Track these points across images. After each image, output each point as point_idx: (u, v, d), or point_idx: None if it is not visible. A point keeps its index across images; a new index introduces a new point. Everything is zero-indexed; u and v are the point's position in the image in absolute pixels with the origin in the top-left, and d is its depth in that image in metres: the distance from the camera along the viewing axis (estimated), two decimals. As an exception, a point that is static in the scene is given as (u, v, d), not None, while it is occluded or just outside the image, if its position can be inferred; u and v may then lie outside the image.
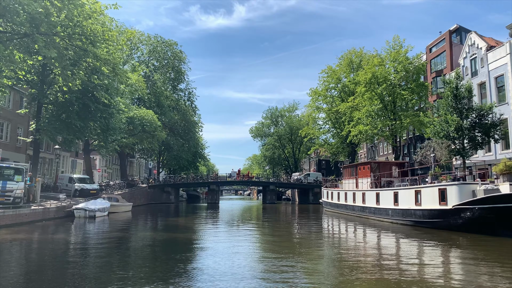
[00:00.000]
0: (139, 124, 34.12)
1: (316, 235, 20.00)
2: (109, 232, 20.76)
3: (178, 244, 16.41)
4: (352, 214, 30.70)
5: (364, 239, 18.68)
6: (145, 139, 34.85)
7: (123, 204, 33.13)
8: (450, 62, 45.20)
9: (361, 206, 28.85)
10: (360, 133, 39.51)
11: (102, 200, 29.42)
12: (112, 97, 23.70)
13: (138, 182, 51.20)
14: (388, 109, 39.43)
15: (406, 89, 38.49)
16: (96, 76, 20.22)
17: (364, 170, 30.33)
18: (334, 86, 54.49)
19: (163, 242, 17.06)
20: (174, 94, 51.43)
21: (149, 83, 44.97)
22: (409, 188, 22.11)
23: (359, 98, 41.11)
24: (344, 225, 25.69)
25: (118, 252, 14.41)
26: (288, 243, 17.16)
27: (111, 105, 24.14)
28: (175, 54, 48.93)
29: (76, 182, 33.27)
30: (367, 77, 39.07)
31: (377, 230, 21.51)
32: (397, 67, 38.52)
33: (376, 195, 26.05)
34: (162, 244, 16.43)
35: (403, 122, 36.84)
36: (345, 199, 32.44)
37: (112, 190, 39.79)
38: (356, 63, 53.11)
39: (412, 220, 21.60)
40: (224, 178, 63.03)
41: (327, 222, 28.41)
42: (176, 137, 49.21)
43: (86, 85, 20.83)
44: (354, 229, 23.36)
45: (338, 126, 53.68)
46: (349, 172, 34.03)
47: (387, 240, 18.27)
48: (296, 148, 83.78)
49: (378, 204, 25.79)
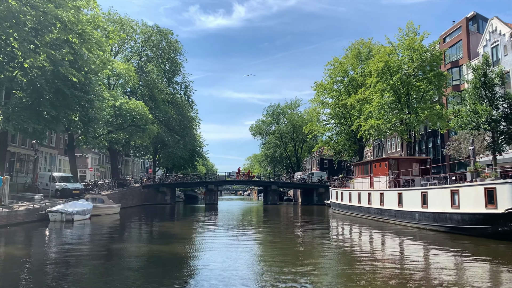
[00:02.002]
0: (128, 116, 30.56)
1: (328, 244, 16.55)
2: (82, 243, 17.25)
3: (165, 259, 12.92)
4: (367, 217, 27.23)
5: (389, 249, 15.22)
6: (135, 133, 31.34)
7: (110, 205, 29.63)
8: (468, 52, 41.78)
9: (378, 208, 25.38)
10: (372, 128, 36.03)
11: (84, 202, 25.94)
12: (87, 77, 19.99)
13: (130, 182, 47.69)
14: (401, 102, 36.00)
15: (422, 79, 35.00)
16: (66, 51, 16.66)
17: (381, 168, 26.85)
18: (340, 80, 50.99)
19: (147, 257, 13.56)
20: (170, 87, 47.90)
21: (142, 74, 41.45)
22: (443, 188, 18.60)
23: (371, 89, 37.64)
24: (359, 230, 22.23)
25: (84, 272, 10.92)
26: (296, 256, 13.70)
27: (89, 91, 20.55)
28: (170, 44, 45.38)
29: (57, 181, 29.78)
30: (379, 66, 35.61)
31: (401, 237, 18.09)
32: (412, 55, 35.02)
33: (398, 196, 22.56)
34: (145, 260, 12.94)
35: (420, 115, 33.38)
36: (358, 200, 28.98)
37: (100, 190, 36.28)
38: (365, 54, 49.67)
39: (447, 226, 18.13)
40: (223, 177, 59.49)
41: (338, 227, 24.95)
42: (171, 133, 45.62)
43: (56, 64, 17.32)
44: (373, 236, 19.88)
45: (344, 121, 50.20)
46: (362, 170, 30.57)
47: (417, 249, 14.85)
48: (298, 147, 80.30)
49: (400, 206, 22.31)
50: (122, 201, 40.88)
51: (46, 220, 22.86)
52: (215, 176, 61.02)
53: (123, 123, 32.40)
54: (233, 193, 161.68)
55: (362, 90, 40.39)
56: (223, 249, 14.69)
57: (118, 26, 43.02)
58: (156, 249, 14.92)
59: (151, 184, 51.40)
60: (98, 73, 22.45)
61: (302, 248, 15.76)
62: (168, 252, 13.99)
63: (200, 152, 73.17)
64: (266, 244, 17.04)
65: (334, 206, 35.67)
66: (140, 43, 44.01)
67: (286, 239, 18.51)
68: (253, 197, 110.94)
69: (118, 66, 33.83)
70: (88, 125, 23.84)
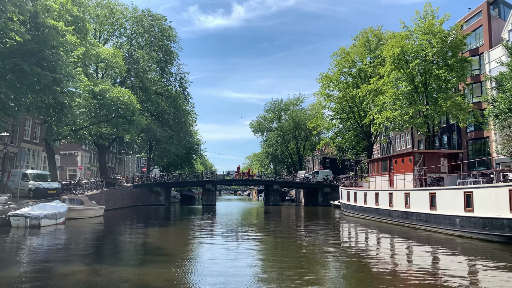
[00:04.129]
0: (113, 106, 26.72)
1: (347, 256, 12.82)
2: (36, 260, 13.53)
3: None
4: (388, 220, 23.51)
5: (426, 264, 11.49)
6: (120, 125, 27.51)
7: (91, 207, 25.85)
8: (489, 38, 38.07)
9: (402, 211, 21.64)
10: (387, 120, 32.32)
11: (57, 203, 22.16)
12: (45, 44, 16.08)
13: (121, 181, 43.90)
14: (419, 91, 32.35)
15: (443, 66, 31.29)
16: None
17: (403, 164, 23.12)
18: (348, 71, 47.24)
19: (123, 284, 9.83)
20: (163, 78, 44.07)
21: (131, 62, 37.62)
22: (497, 187, 14.84)
23: (385, 78, 33.93)
24: (381, 237, 18.53)
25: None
26: (308, 275, 9.98)
27: (56, 69, 16.71)
28: (163, 30, 41.54)
29: (30, 180, 26.02)
30: (395, 52, 31.88)
31: (439, 248, 14.47)
32: (431, 39, 31.29)
33: (430, 197, 18.82)
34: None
35: (442, 105, 29.70)
36: (375, 201, 25.24)
37: (84, 190, 32.52)
38: (374, 43, 45.93)
39: (503, 235, 14.39)
40: (222, 176, 55.69)
41: (352, 232, 21.23)
42: (164, 127, 41.73)
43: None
44: (402, 245, 16.19)
45: (352, 116, 46.49)
46: (379, 167, 26.85)
47: (465, 266, 11.17)
48: (300, 145, 76.56)
49: (433, 209, 18.58)
50: (110, 202, 37.18)
51: (7, 226, 19.13)
52: (213, 175, 57.14)
53: (108, 115, 28.60)
54: (232, 193, 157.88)
55: (375, 79, 36.64)
56: (219, 275, 10.98)
57: (107, 11, 39.30)
58: (130, 273, 11.13)
59: (144, 184, 47.67)
60: (70, 51, 18.70)
61: (318, 266, 12.06)
62: (149, 278, 10.28)
63: (197, 150, 69.37)
64: (274, 261, 13.34)
65: (345, 208, 31.92)
66: (130, 29, 40.17)
67: (297, 252, 14.79)
68: (253, 198, 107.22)
69: (103, 52, 30.04)
70: (60, 114, 20.09)
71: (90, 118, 28.14)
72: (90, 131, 31.19)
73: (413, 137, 49.25)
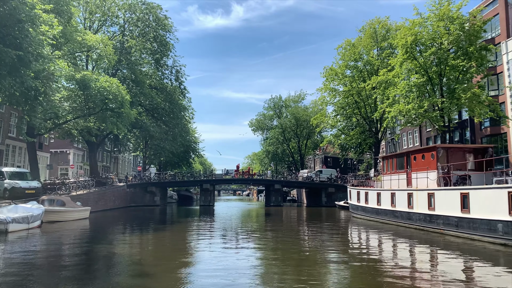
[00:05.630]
0: (99, 97, 23.99)
1: (369, 269, 10.24)
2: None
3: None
4: (407, 224, 20.89)
5: (470, 283, 8.92)
6: (108, 118, 24.77)
7: (73, 209, 23.17)
8: (506, 27, 35.41)
9: (425, 214, 19.02)
10: (400, 114, 29.72)
11: (33, 205, 19.50)
12: (11, 17, 13.37)
13: (113, 180, 41.21)
14: (433, 83, 29.79)
15: (461, 55, 28.69)
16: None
17: (424, 160, 20.49)
18: (353, 65, 44.59)
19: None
20: (158, 71, 41.39)
21: (123, 52, 34.96)
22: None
23: (396, 69, 31.34)
24: (396, 242, 15.92)
25: None
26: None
27: (22, 46, 13.97)
28: (158, 20, 38.87)
29: (6, 178, 23.36)
30: (408, 40, 29.29)
31: (478, 259, 11.87)
32: (449, 26, 28.69)
33: (462, 198, 16.20)
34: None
35: (461, 96, 27.11)
36: (391, 202, 22.61)
37: (70, 189, 29.87)
38: (381, 35, 43.25)
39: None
40: (220, 176, 52.98)
41: (368, 238, 18.62)
42: (158, 122, 39.02)
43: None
44: (430, 254, 13.55)
45: (358, 111, 43.85)
46: (394, 164, 24.24)
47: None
48: (302, 143, 73.85)
49: (466, 212, 15.96)
50: (100, 203, 34.59)
51: (-29, 231, 16.52)
52: (211, 174, 54.43)
53: (95, 107, 25.91)
54: (232, 193, 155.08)
55: (385, 71, 34.05)
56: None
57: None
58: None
59: (138, 183, 45.02)
60: (44, 31, 16.02)
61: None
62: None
63: (195, 149, 66.64)
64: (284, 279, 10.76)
65: (354, 210, 29.30)
66: (122, 17, 37.49)
67: (309, 264, 12.18)
68: (252, 198, 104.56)
69: (90, 39, 27.38)
70: (35, 103, 17.41)
71: (75, 110, 25.48)
72: (77, 126, 28.52)
73: (421, 134, 46.66)
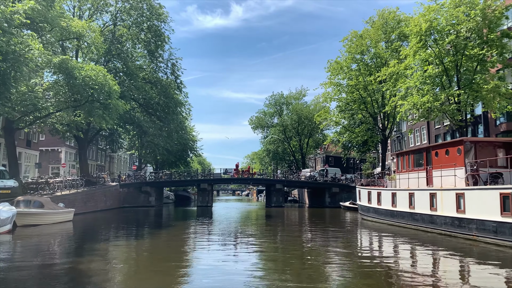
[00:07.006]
0: (83, 86, 21.50)
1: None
2: None
3: None
4: (429, 228, 18.47)
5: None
6: (94, 110, 22.29)
7: (53, 211, 20.71)
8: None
9: (453, 217, 16.60)
10: (414, 107, 27.33)
11: (4, 206, 17.04)
12: None
13: (105, 180, 38.76)
14: (449, 74, 27.47)
15: (480, 43, 26.31)
16: None
17: (448, 156, 18.07)
18: (360, 58, 42.13)
19: None
20: (152, 63, 38.93)
21: (114, 41, 32.48)
22: None
23: (409, 59, 28.96)
24: (418, 249, 13.54)
25: None
26: None
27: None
28: (152, 8, 36.41)
29: (-22, 177, 20.96)
30: (423, 27, 26.92)
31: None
32: (469, 12, 26.28)
33: (502, 199, 13.79)
34: None
35: (481, 89, 24.78)
36: (409, 203, 20.19)
37: (55, 189, 27.44)
38: (391, 26, 40.74)
39: None
40: (219, 175, 50.53)
41: (386, 244, 16.19)
42: (152, 117, 36.52)
43: None
44: (465, 264, 11.14)
45: (364, 107, 41.42)
46: (411, 161, 21.83)
47: None
48: (303, 142, 71.44)
49: (508, 216, 13.56)
50: (89, 204, 32.18)
51: None
52: (209, 173, 51.96)
53: (81, 99, 23.45)
54: (231, 193, 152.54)
55: (395, 62, 31.68)
56: None
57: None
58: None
59: (131, 183, 42.61)
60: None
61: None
62: None
63: (193, 147, 64.12)
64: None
65: (364, 211, 26.86)
66: (114, 5, 34.96)
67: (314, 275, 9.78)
68: (252, 198, 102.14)
69: (76, 25, 24.91)
70: (2, 88, 14.96)
71: (58, 103, 23.04)
72: (62, 120, 26.07)
73: (429, 131, 44.32)
